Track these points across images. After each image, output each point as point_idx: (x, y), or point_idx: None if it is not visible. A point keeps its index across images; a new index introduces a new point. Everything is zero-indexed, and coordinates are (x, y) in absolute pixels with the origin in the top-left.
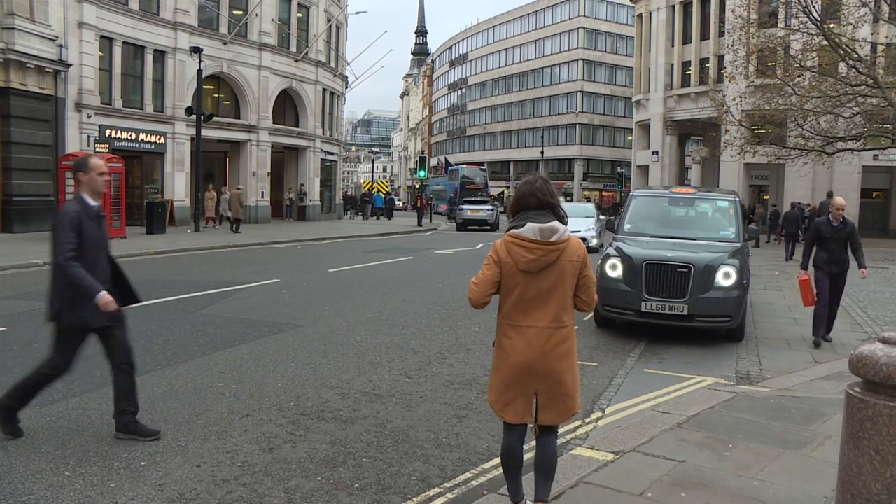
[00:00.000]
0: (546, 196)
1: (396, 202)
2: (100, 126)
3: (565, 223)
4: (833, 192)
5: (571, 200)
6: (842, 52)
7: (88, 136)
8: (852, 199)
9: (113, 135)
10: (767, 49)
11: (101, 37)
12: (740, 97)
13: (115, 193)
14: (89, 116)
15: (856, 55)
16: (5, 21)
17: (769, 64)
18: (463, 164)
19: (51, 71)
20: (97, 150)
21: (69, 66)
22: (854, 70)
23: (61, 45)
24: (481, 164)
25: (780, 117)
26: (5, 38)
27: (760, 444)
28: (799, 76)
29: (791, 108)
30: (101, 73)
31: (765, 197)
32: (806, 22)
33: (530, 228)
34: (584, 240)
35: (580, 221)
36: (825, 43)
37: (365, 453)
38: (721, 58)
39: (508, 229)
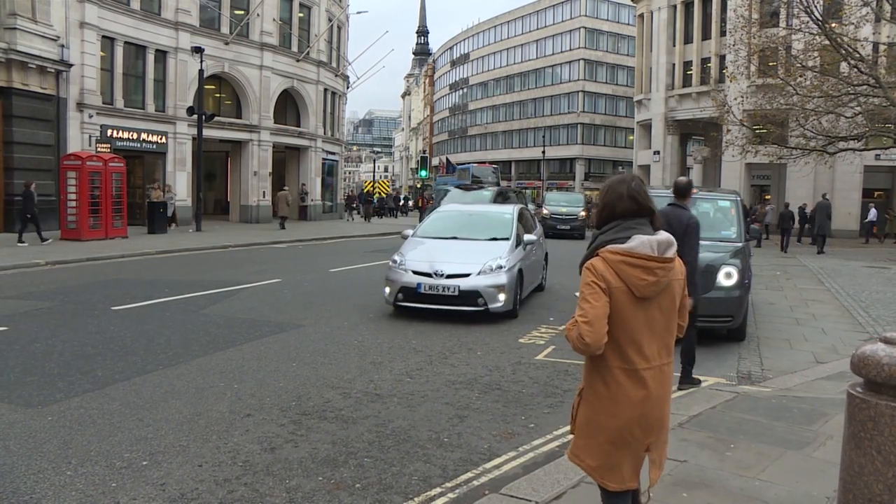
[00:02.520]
0: (646, 200)
1: (402, 200)
2: (101, 126)
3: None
4: (833, 192)
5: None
6: (843, 51)
7: (90, 136)
8: (854, 199)
9: (114, 135)
10: (769, 49)
11: (103, 37)
12: (742, 97)
13: (116, 193)
14: (91, 116)
15: (857, 55)
16: (7, 21)
17: (771, 64)
18: (472, 163)
19: (52, 71)
20: (99, 149)
21: (71, 65)
22: (856, 70)
23: (63, 45)
24: (490, 162)
25: (782, 117)
26: (7, 39)
27: (762, 444)
28: (801, 76)
29: (793, 107)
30: (102, 72)
31: (766, 196)
32: (808, 22)
33: (644, 242)
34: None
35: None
36: (827, 43)
37: (366, 453)
38: (722, 57)
39: (601, 244)
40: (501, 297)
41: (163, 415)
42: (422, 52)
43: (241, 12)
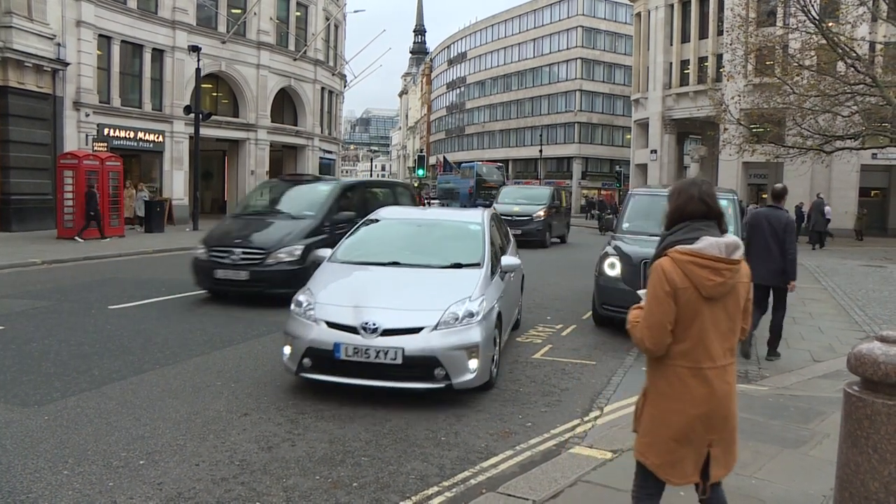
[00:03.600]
0: (716, 203)
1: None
2: (98, 125)
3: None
4: (830, 191)
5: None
6: (840, 50)
7: (87, 135)
8: (851, 197)
9: (111, 133)
10: (766, 48)
11: (100, 35)
12: (739, 96)
13: (113, 192)
14: (87, 115)
15: (854, 54)
16: (3, 20)
17: (768, 63)
18: (473, 161)
19: (49, 70)
20: (95, 148)
21: (67, 64)
22: (852, 69)
23: (59, 44)
24: (489, 161)
25: (779, 116)
26: (3, 37)
27: (759, 442)
28: (797, 75)
29: (789, 106)
30: (99, 71)
31: (763, 195)
32: (804, 21)
33: (713, 244)
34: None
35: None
36: (824, 42)
37: (363, 452)
38: (720, 56)
39: (669, 244)
40: (473, 364)
41: (160, 414)
42: (419, 51)
43: (238, 11)
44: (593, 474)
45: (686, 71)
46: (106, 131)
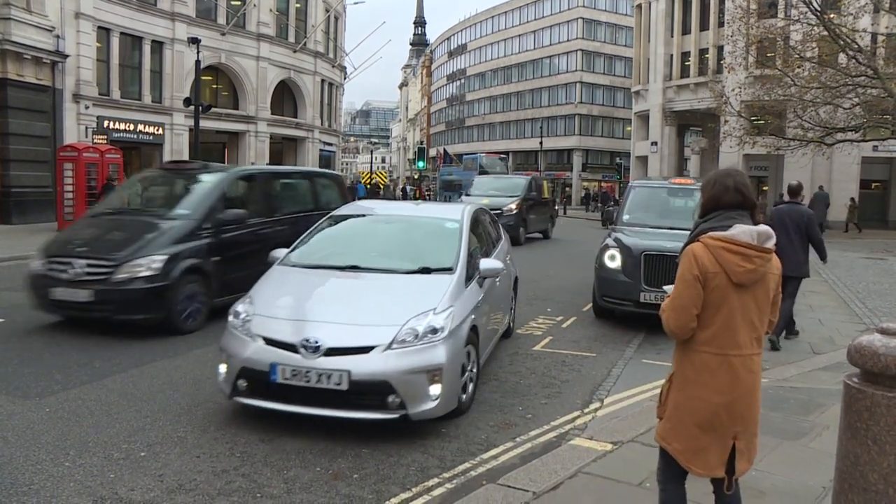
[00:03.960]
0: (751, 193)
1: (408, 191)
2: (98, 117)
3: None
4: (831, 183)
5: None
6: (842, 42)
7: (86, 128)
8: (851, 189)
9: (111, 126)
10: (767, 39)
11: (99, 27)
12: (740, 88)
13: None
14: (87, 107)
15: (856, 46)
16: (2, 11)
17: (769, 55)
18: (475, 153)
19: (48, 62)
20: (95, 141)
21: (66, 56)
22: (854, 61)
23: (58, 36)
24: (491, 153)
25: (780, 108)
26: (2, 29)
27: (759, 434)
28: (799, 67)
29: (790, 98)
30: (98, 63)
31: (764, 188)
32: (806, 12)
33: (745, 231)
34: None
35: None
36: (825, 33)
37: (364, 444)
38: (720, 48)
39: (702, 231)
40: (435, 389)
41: (160, 406)
42: (419, 43)
43: (238, 3)
44: (593, 466)
45: (687, 63)
46: (106, 123)
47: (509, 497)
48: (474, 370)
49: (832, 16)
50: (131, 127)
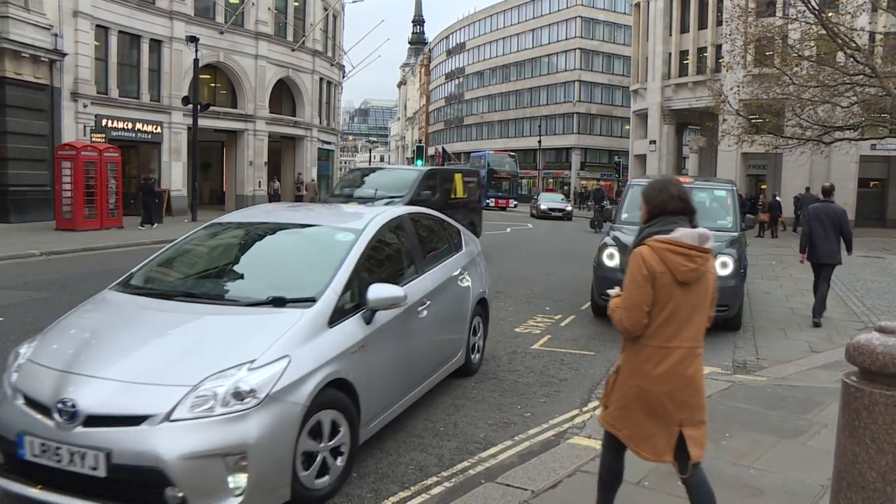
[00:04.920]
0: (690, 201)
1: None
2: (96, 115)
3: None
4: (832, 182)
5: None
6: (840, 41)
7: (84, 126)
8: (849, 188)
9: (109, 124)
10: (765, 38)
11: (97, 26)
12: (738, 86)
13: (111, 183)
14: (85, 106)
15: (854, 44)
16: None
17: (767, 53)
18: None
19: (46, 60)
20: (93, 139)
21: (65, 55)
22: (852, 59)
23: (56, 34)
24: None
25: (778, 107)
26: (0, 27)
27: (757, 432)
28: (797, 65)
29: (789, 97)
30: (96, 62)
31: (762, 186)
32: (804, 11)
33: (687, 234)
34: None
35: None
36: (823, 32)
37: (362, 442)
38: (719, 47)
39: (647, 235)
40: (237, 481)
41: None
42: (418, 42)
43: (236, 1)
44: (592, 464)
45: (685, 61)
46: (104, 122)
47: (508, 496)
48: (343, 446)
49: (830, 14)
50: (129, 125)
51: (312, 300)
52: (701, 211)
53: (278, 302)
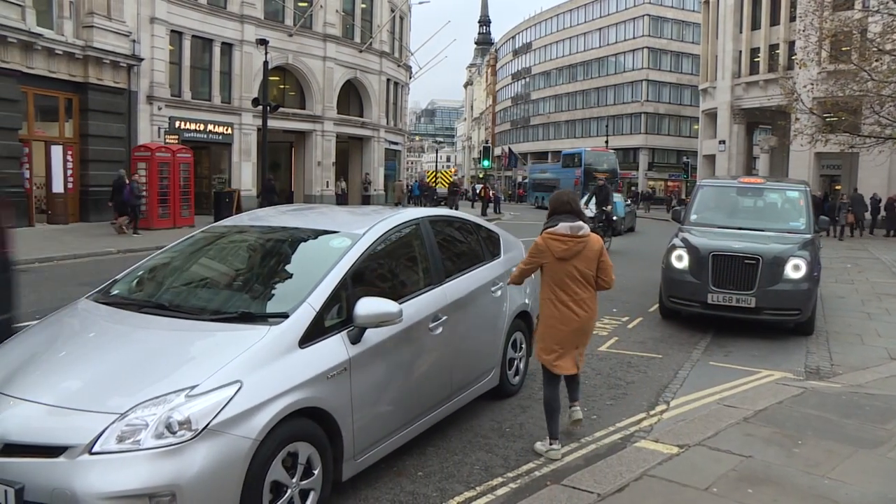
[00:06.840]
0: (577, 206)
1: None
2: (170, 118)
3: (587, 223)
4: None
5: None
6: None
7: (159, 128)
8: None
9: (182, 126)
10: (842, 33)
11: (172, 31)
12: (812, 84)
13: (183, 183)
14: (160, 109)
15: None
16: (85, 20)
17: (844, 49)
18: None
19: (124, 65)
20: (167, 141)
21: (141, 60)
22: None
23: (134, 41)
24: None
25: (855, 104)
26: (85, 36)
27: (831, 441)
28: (877, 60)
29: (867, 94)
30: (171, 66)
31: (836, 187)
32: (887, 2)
33: (564, 227)
34: None
35: None
36: None
37: (428, 442)
38: (792, 44)
39: (545, 228)
40: None
41: None
42: (484, 42)
43: (305, 4)
44: (659, 469)
45: (756, 59)
46: (177, 124)
47: (574, 498)
48: (313, 491)
49: None
50: (201, 127)
51: (283, 315)
52: (772, 212)
53: (247, 317)
